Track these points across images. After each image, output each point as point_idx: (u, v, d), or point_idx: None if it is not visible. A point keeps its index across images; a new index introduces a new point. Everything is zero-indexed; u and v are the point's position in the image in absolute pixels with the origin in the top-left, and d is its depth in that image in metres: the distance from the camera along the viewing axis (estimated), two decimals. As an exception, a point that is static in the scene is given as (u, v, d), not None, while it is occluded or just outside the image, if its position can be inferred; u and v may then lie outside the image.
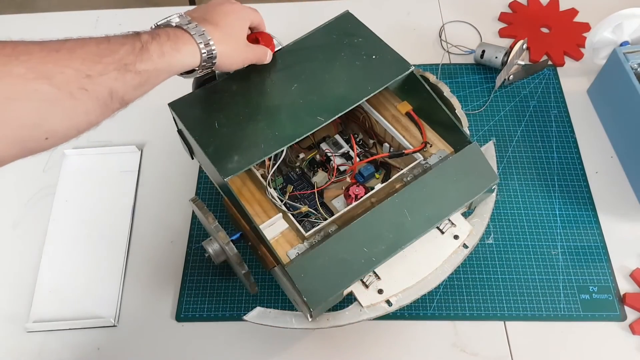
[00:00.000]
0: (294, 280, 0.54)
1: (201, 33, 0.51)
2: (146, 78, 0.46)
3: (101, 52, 0.43)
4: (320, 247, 0.56)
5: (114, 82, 0.44)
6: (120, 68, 0.44)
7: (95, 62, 0.42)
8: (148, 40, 0.47)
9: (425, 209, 0.58)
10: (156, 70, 0.47)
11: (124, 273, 0.70)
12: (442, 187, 0.59)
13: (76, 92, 0.41)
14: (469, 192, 0.60)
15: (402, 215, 0.57)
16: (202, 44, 0.51)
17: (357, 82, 0.61)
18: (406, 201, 0.58)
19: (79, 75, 0.41)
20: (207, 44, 0.51)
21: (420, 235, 0.58)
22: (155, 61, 0.47)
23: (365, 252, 0.56)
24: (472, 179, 0.60)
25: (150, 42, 0.47)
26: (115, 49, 0.44)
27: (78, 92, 0.41)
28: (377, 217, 0.57)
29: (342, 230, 0.56)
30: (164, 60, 0.47)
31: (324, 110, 0.59)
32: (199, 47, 0.51)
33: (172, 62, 0.48)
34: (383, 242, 0.57)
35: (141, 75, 0.46)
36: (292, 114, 0.59)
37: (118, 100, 0.45)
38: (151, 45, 0.47)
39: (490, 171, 0.61)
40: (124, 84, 0.45)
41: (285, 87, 0.61)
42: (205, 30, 0.51)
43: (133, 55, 0.45)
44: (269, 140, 0.57)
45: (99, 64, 0.43)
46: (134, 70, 0.45)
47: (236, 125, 0.59)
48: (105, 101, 0.44)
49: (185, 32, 0.50)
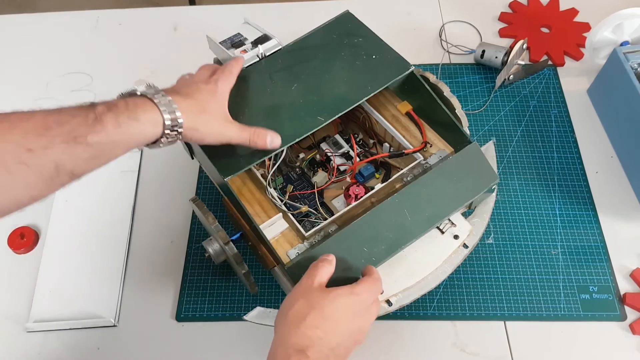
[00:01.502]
0: (294, 280, 0.54)
1: (166, 102, 0.48)
2: (100, 151, 0.44)
3: (48, 125, 0.42)
4: (320, 247, 0.56)
5: (61, 155, 0.42)
6: (69, 141, 0.42)
7: (40, 135, 0.41)
8: (103, 111, 0.44)
9: (425, 209, 0.58)
10: (111, 143, 0.44)
11: (124, 273, 0.70)
12: (442, 187, 0.59)
13: (13, 167, 0.40)
14: (469, 192, 0.60)
15: (402, 215, 0.57)
16: (165, 112, 0.47)
17: (357, 82, 0.61)
18: (406, 201, 0.58)
19: (19, 149, 0.40)
20: (172, 112, 0.48)
21: (420, 235, 0.58)
22: (110, 133, 0.44)
23: (365, 252, 0.56)
24: (472, 179, 0.60)
25: (105, 112, 0.44)
26: (65, 120, 0.43)
27: (15, 167, 0.40)
28: (377, 217, 0.57)
29: (342, 230, 0.56)
30: (121, 131, 0.45)
31: (324, 110, 0.59)
32: (162, 115, 0.47)
33: (130, 133, 0.45)
34: (383, 242, 0.57)
35: (93, 147, 0.43)
36: (292, 113, 0.59)
37: (66, 174, 0.43)
38: (106, 116, 0.44)
39: (490, 171, 0.61)
40: (72, 157, 0.43)
41: (285, 87, 0.61)
42: (171, 99, 0.48)
43: (85, 127, 0.43)
44: None
45: (43, 137, 0.41)
46: (85, 143, 0.43)
47: None
48: (50, 175, 0.42)
49: (148, 100, 0.48)
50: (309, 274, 0.50)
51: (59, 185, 0.44)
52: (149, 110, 0.47)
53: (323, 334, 0.46)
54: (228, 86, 0.56)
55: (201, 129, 0.51)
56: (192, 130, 0.50)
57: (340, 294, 0.48)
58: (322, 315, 0.47)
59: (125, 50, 0.93)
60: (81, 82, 0.89)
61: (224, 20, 0.95)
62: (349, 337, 0.48)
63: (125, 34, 0.95)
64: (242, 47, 0.66)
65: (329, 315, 0.47)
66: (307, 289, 0.49)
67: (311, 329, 0.46)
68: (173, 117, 0.48)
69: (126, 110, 0.45)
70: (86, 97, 0.87)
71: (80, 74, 0.90)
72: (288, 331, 0.47)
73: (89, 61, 0.91)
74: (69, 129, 0.42)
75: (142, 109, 0.47)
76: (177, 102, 0.49)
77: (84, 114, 0.44)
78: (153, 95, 0.48)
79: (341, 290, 0.49)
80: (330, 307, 0.47)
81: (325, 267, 0.51)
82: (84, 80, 0.89)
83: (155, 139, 0.49)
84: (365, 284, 0.51)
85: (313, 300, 0.48)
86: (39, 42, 0.94)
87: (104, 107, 0.45)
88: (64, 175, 0.43)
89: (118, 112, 0.45)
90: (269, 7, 0.98)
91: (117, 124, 0.44)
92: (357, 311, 0.49)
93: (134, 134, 0.46)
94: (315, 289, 0.49)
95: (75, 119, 0.43)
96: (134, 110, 0.46)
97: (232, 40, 0.67)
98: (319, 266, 0.51)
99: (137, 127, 0.46)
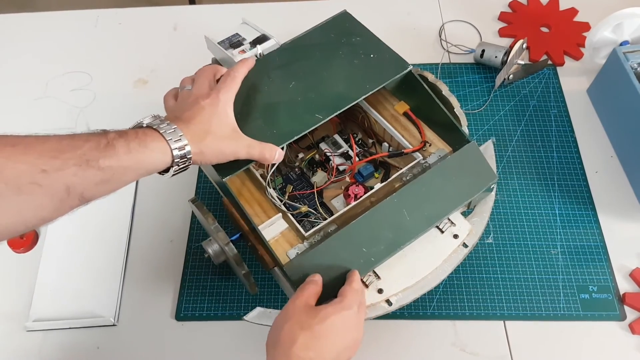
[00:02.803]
0: (292, 280, 0.54)
1: (172, 130, 0.49)
2: (110, 175, 0.45)
3: (62, 148, 0.42)
4: (319, 247, 0.56)
5: (72, 177, 0.42)
6: (82, 164, 0.43)
7: (53, 157, 0.41)
8: (115, 137, 0.45)
9: (424, 208, 0.58)
10: (122, 168, 0.45)
11: (123, 272, 0.70)
12: (441, 186, 0.59)
13: (26, 187, 0.40)
14: (468, 191, 0.60)
15: (401, 214, 0.57)
16: (172, 141, 0.48)
17: (355, 81, 0.61)
18: (405, 200, 0.58)
19: (33, 169, 0.40)
20: (178, 140, 0.48)
21: (419, 235, 0.58)
22: (121, 158, 0.45)
23: (364, 252, 0.56)
24: (471, 178, 0.60)
25: (116, 139, 0.45)
26: (79, 145, 0.43)
27: (28, 187, 0.40)
28: (376, 216, 0.57)
29: (341, 230, 0.56)
30: (131, 157, 0.46)
31: (323, 108, 0.59)
32: (169, 145, 0.48)
33: (140, 159, 0.46)
34: (382, 241, 0.56)
35: (105, 171, 0.44)
36: (290, 111, 0.59)
37: (77, 197, 0.44)
38: (117, 142, 0.45)
39: (489, 170, 0.61)
40: (83, 180, 0.43)
41: (283, 85, 0.61)
42: (176, 127, 0.49)
43: (97, 151, 0.44)
44: (267, 139, 0.56)
45: (57, 159, 0.42)
46: (97, 167, 0.43)
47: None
48: (61, 197, 0.42)
49: (155, 131, 0.48)
50: (296, 296, 0.51)
51: (69, 208, 0.44)
52: (157, 139, 0.48)
53: (316, 354, 0.47)
54: (231, 94, 0.55)
55: (207, 152, 0.51)
56: (198, 155, 0.50)
57: (329, 313, 0.48)
58: (313, 335, 0.47)
59: (125, 50, 0.93)
60: (81, 82, 0.89)
61: (224, 20, 0.95)
62: (345, 350, 0.49)
63: (125, 34, 0.95)
64: (241, 47, 0.66)
65: (320, 335, 0.47)
66: (295, 310, 0.49)
67: (303, 351, 0.46)
68: (180, 146, 0.49)
69: (136, 138, 0.47)
70: (86, 96, 0.87)
71: (80, 73, 0.90)
72: (279, 355, 0.47)
73: (89, 60, 0.91)
74: (82, 152, 0.43)
75: (151, 138, 0.48)
76: (180, 128, 0.49)
77: (97, 139, 0.45)
78: (158, 125, 0.49)
79: (330, 308, 0.49)
80: (321, 326, 0.47)
81: (311, 287, 0.52)
82: (84, 80, 0.89)
83: (165, 167, 0.49)
84: (351, 295, 0.51)
85: (302, 321, 0.48)
86: (39, 41, 0.94)
87: (116, 134, 0.46)
88: (74, 197, 0.44)
89: (129, 139, 0.46)
90: (268, 6, 0.98)
91: (128, 149, 0.45)
92: (348, 325, 0.49)
93: (144, 160, 0.47)
94: (303, 310, 0.49)
95: (88, 143, 0.44)
96: (144, 139, 0.47)
97: (230, 41, 0.67)
98: (305, 288, 0.52)
99: (147, 154, 0.47)
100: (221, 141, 0.52)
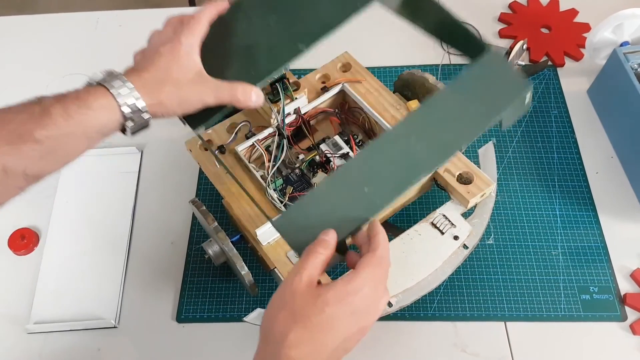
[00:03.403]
0: (283, 236, 0.48)
1: (119, 84, 0.44)
2: (52, 146, 0.41)
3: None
4: (313, 193, 0.48)
5: (6, 157, 0.39)
6: (14, 140, 0.39)
7: None
8: (50, 103, 0.41)
9: (441, 133, 0.49)
10: (64, 136, 0.41)
11: (124, 274, 0.70)
12: (461, 104, 0.50)
13: None
14: (494, 106, 0.49)
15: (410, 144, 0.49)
16: (120, 96, 0.44)
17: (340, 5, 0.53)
18: (416, 127, 0.49)
19: None
20: (128, 94, 0.44)
21: (437, 166, 0.50)
22: (60, 125, 0.41)
23: (366, 193, 0.48)
24: (495, 90, 0.51)
25: (52, 105, 0.41)
26: (9, 118, 0.40)
27: None
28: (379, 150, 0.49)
29: (337, 170, 0.50)
30: (72, 122, 0.41)
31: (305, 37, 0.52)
32: (116, 99, 0.44)
33: (82, 123, 0.42)
34: (388, 179, 0.48)
35: (43, 143, 0.40)
36: (269, 48, 0.52)
37: (20, 176, 0.41)
38: (54, 108, 0.41)
39: (518, 79, 0.51)
40: (20, 157, 0.40)
41: (263, 22, 0.54)
42: (126, 80, 0.45)
43: (31, 123, 0.40)
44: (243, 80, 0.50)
45: None
46: (32, 140, 0.40)
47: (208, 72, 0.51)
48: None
49: (101, 87, 0.44)
50: (297, 268, 0.42)
51: (16, 189, 0.41)
52: (101, 96, 0.43)
53: (310, 349, 0.40)
54: (194, 38, 0.49)
55: (167, 102, 0.46)
56: (156, 107, 0.46)
57: (330, 300, 0.40)
58: (308, 328, 0.40)
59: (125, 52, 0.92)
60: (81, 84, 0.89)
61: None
62: (347, 340, 0.41)
63: (126, 35, 0.95)
64: None
65: (318, 327, 0.40)
66: (292, 292, 0.41)
67: (294, 349, 0.39)
68: (130, 100, 0.44)
69: (76, 100, 0.42)
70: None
71: (80, 75, 0.90)
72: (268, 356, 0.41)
73: (89, 63, 0.91)
74: (13, 127, 0.40)
75: (94, 96, 0.43)
76: (132, 80, 0.45)
77: (30, 110, 0.41)
78: (109, 82, 0.44)
79: (331, 292, 0.41)
80: (319, 317, 0.40)
81: (318, 255, 0.42)
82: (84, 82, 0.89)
83: (118, 126, 0.45)
84: (364, 272, 0.42)
85: (297, 309, 0.40)
86: (39, 44, 0.94)
87: (52, 99, 0.42)
88: (17, 177, 0.40)
89: (67, 103, 0.42)
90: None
91: (66, 115, 0.41)
92: (356, 311, 0.41)
93: (88, 123, 0.43)
94: (302, 292, 0.41)
95: (20, 115, 0.41)
96: (85, 98, 0.43)
97: None
98: (310, 256, 0.42)
99: (90, 115, 0.42)
100: (184, 88, 0.47)
